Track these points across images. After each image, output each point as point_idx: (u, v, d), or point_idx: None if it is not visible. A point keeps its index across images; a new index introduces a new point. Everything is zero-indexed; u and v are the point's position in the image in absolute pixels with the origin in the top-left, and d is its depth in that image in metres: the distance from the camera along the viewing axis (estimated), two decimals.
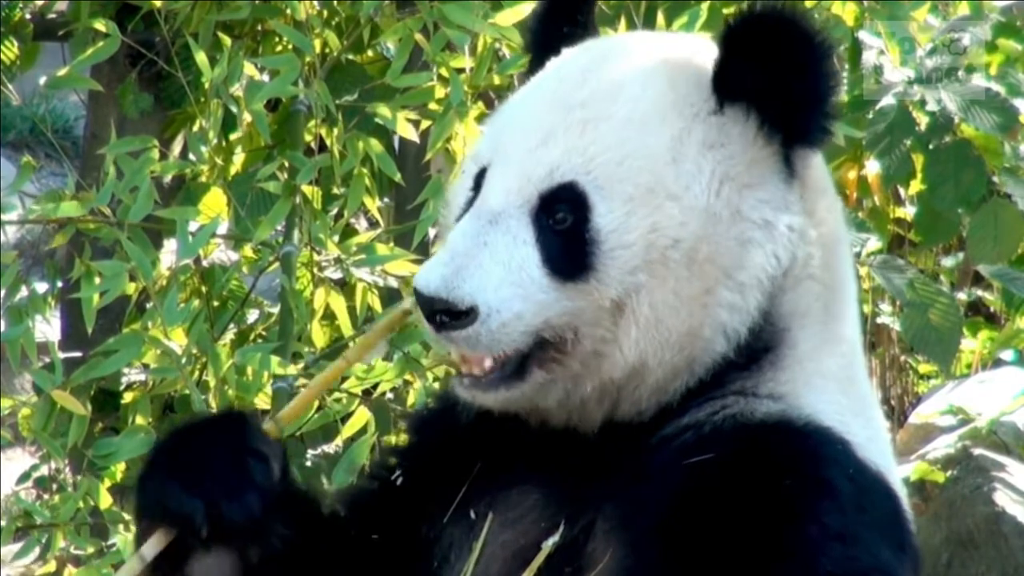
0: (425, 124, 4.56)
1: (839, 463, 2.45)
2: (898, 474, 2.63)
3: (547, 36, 2.75)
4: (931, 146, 5.29)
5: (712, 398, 2.51)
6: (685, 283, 2.47)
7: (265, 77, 4.64)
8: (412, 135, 4.55)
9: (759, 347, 2.52)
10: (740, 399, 2.51)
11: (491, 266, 2.46)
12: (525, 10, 4.38)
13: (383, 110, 4.46)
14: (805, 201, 2.55)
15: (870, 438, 2.55)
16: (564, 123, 2.52)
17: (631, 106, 2.52)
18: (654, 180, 2.48)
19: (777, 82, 2.49)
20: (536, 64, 2.74)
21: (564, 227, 2.48)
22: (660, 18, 4.57)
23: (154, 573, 2.55)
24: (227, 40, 4.57)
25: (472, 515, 2.60)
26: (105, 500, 4.31)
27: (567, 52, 2.69)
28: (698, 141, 2.50)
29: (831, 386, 2.55)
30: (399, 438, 2.89)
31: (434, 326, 2.48)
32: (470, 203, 2.57)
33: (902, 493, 2.59)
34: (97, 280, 4.27)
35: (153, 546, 2.49)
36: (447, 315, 2.45)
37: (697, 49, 2.59)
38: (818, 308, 2.56)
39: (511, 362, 2.50)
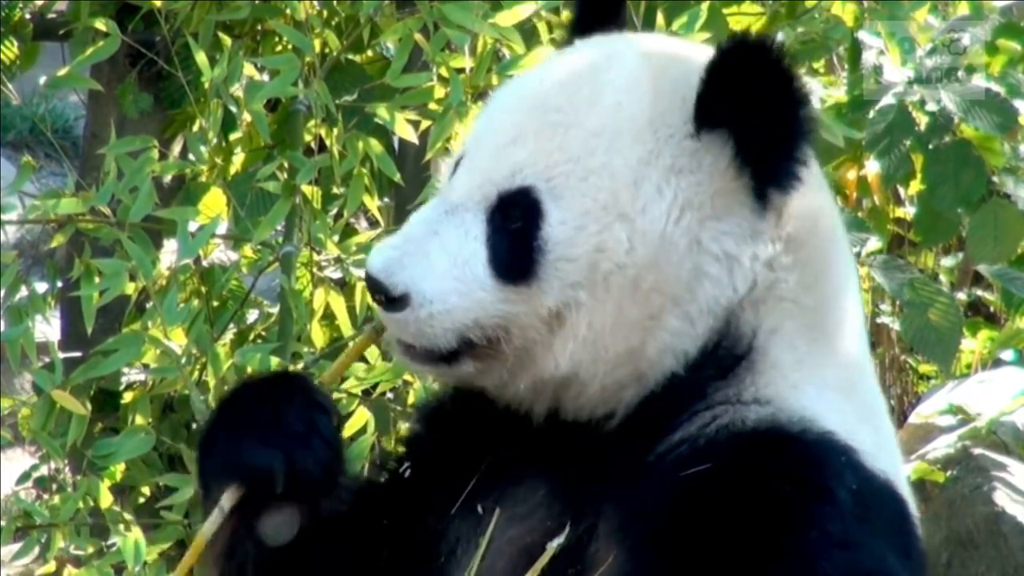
0: (425, 124, 4.56)
1: (838, 469, 2.45)
2: (907, 482, 2.62)
3: (584, 21, 2.75)
4: (931, 146, 5.29)
5: (698, 411, 2.51)
6: (627, 307, 2.47)
7: (265, 77, 4.64)
8: (411, 136, 4.55)
9: (728, 358, 2.52)
10: (728, 408, 2.51)
11: (436, 256, 2.50)
12: (525, 10, 4.38)
13: (382, 110, 4.46)
14: (781, 228, 2.54)
15: (878, 446, 2.54)
16: (536, 125, 2.52)
17: (604, 118, 2.51)
18: (610, 199, 2.48)
19: (752, 118, 2.47)
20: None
21: (515, 229, 2.49)
22: (660, 18, 4.56)
23: (228, 531, 2.56)
24: (227, 40, 4.57)
25: (480, 509, 2.60)
26: (106, 499, 4.31)
27: (575, 46, 2.68)
28: (665, 165, 2.49)
29: (831, 394, 2.54)
30: (405, 430, 2.89)
31: (377, 304, 2.53)
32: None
33: (911, 501, 2.58)
34: (97, 279, 4.26)
35: (230, 499, 2.50)
36: (384, 297, 2.49)
37: (696, 63, 2.57)
38: (794, 326, 2.54)
39: (444, 343, 2.52)
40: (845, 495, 2.43)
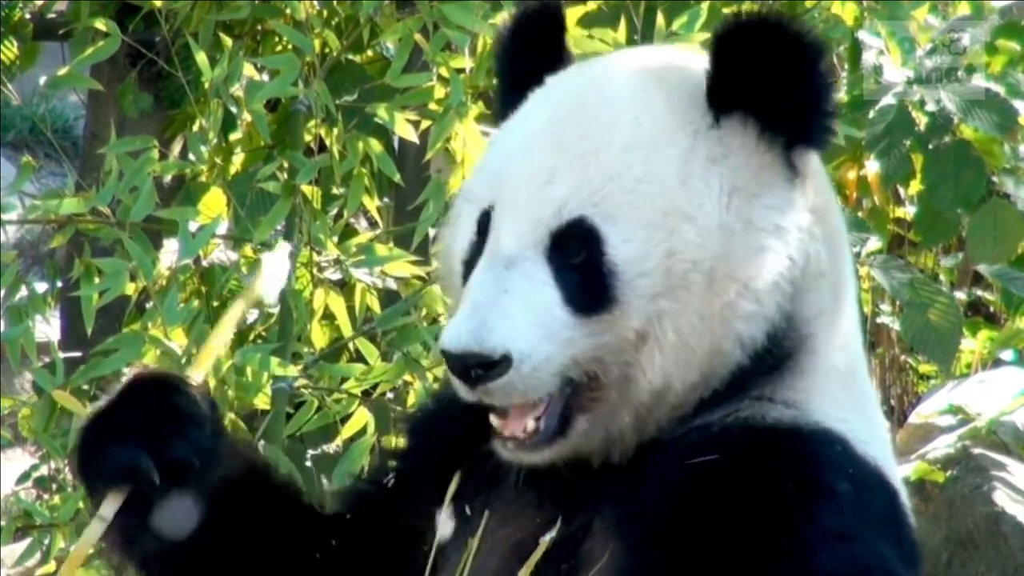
0: (425, 124, 4.56)
1: (838, 464, 2.45)
2: (896, 467, 2.63)
3: (519, 67, 2.72)
4: (930, 146, 5.30)
5: (729, 403, 2.51)
6: (707, 302, 2.46)
7: (265, 77, 4.64)
8: (411, 136, 4.55)
9: (782, 354, 2.52)
10: (755, 403, 2.51)
11: (516, 312, 2.45)
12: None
13: (382, 111, 4.46)
14: (808, 198, 2.55)
15: (869, 432, 2.55)
16: (566, 158, 2.50)
17: (631, 132, 2.51)
18: (666, 203, 2.47)
19: (774, 87, 2.48)
20: (511, 96, 2.70)
21: (579, 263, 2.47)
22: (660, 19, 4.56)
23: (123, 537, 2.56)
24: (227, 40, 4.57)
25: (467, 511, 2.60)
26: None
27: (552, 81, 2.66)
28: (702, 157, 2.50)
29: (835, 384, 2.56)
30: (398, 440, 2.89)
31: (468, 382, 2.46)
32: (475, 247, 2.56)
33: (900, 487, 2.59)
34: (97, 279, 4.26)
35: (111, 506, 2.49)
36: (481, 368, 2.43)
37: (686, 63, 2.58)
38: (831, 304, 2.57)
39: (552, 417, 2.49)
40: (843, 486, 2.43)
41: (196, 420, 2.52)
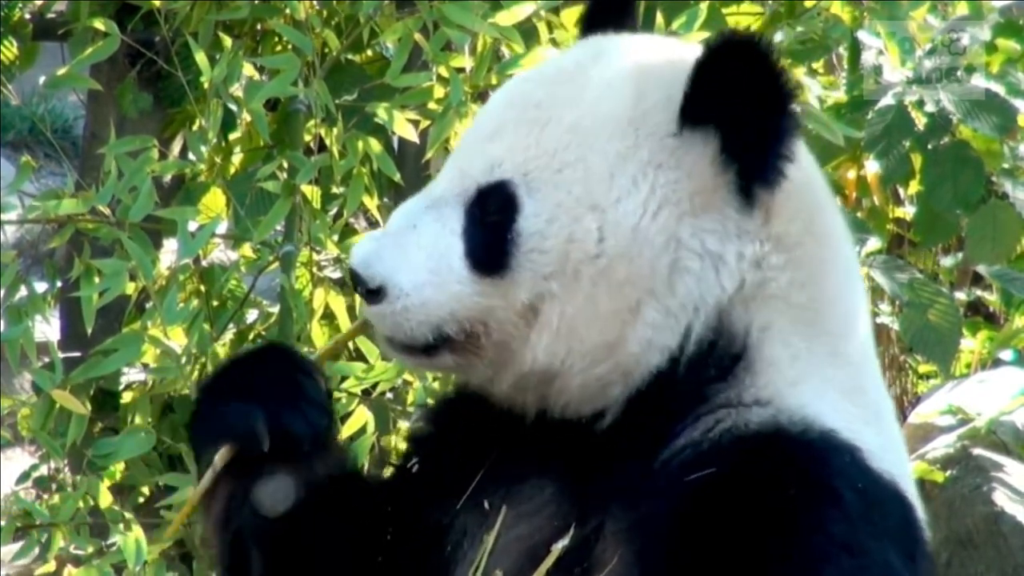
0: (425, 124, 4.55)
1: (844, 471, 2.45)
2: (911, 479, 2.62)
3: (595, 20, 2.78)
4: (929, 147, 5.30)
5: (701, 415, 2.52)
6: (601, 298, 2.49)
7: (265, 77, 4.64)
8: (411, 135, 4.55)
9: (725, 358, 2.53)
10: (730, 411, 2.52)
11: (413, 249, 2.53)
12: (525, 10, 4.38)
13: (381, 110, 4.46)
14: (769, 227, 2.53)
15: (883, 447, 2.54)
16: (516, 120, 2.56)
17: (583, 113, 2.53)
18: (583, 192, 2.50)
19: (738, 114, 2.48)
20: None
21: (491, 222, 2.53)
22: (660, 18, 4.56)
23: (223, 498, 2.62)
24: (227, 40, 4.57)
25: (486, 506, 2.62)
26: (105, 498, 4.30)
27: (566, 50, 2.70)
28: (643, 160, 2.51)
29: (833, 394, 2.54)
30: (412, 428, 2.90)
31: (360, 297, 2.57)
32: None
33: (916, 501, 2.58)
34: (96, 279, 4.26)
35: (223, 457, 2.54)
36: (363, 289, 2.54)
37: (685, 62, 2.57)
38: (785, 322, 2.54)
39: (419, 334, 2.56)
40: (850, 496, 2.43)
41: (317, 401, 2.58)
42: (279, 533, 2.64)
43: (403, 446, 2.85)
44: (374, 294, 2.54)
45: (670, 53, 2.68)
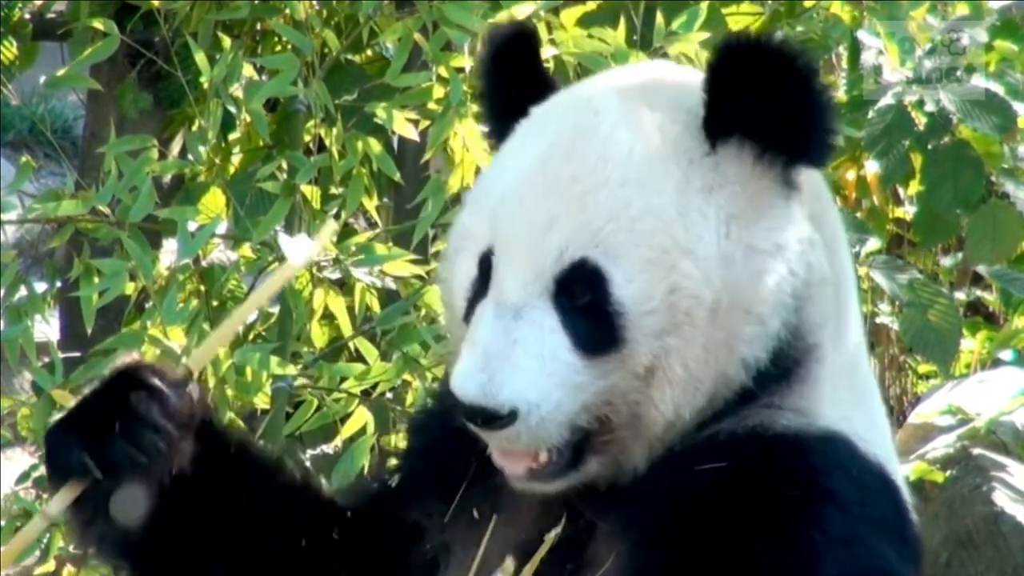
0: (424, 124, 4.56)
1: (843, 468, 2.46)
2: (897, 461, 2.64)
3: (501, 94, 2.72)
4: (929, 147, 5.30)
5: (736, 412, 2.52)
6: (712, 333, 2.46)
7: (264, 77, 4.64)
8: (410, 134, 4.55)
9: (788, 363, 2.52)
10: (763, 411, 2.51)
11: (526, 363, 2.45)
12: (524, 10, 4.38)
13: (380, 110, 4.46)
14: (805, 207, 2.55)
15: (870, 429, 2.56)
16: (563, 201, 2.49)
17: (625, 167, 2.49)
18: (665, 239, 2.46)
19: (770, 110, 2.48)
20: (498, 124, 2.71)
21: (585, 304, 2.47)
22: (660, 18, 4.56)
23: (81, 523, 2.63)
24: (227, 40, 4.57)
25: (475, 514, 2.61)
26: None
27: (539, 114, 2.64)
28: (698, 188, 2.49)
29: (839, 383, 2.56)
30: (399, 439, 2.90)
31: (476, 426, 2.49)
32: (478, 285, 2.56)
33: (902, 482, 2.59)
34: (96, 279, 4.26)
35: (59, 502, 2.58)
36: (488, 420, 2.46)
37: (678, 85, 2.57)
38: (835, 309, 2.57)
39: (566, 451, 2.50)
40: (846, 487, 2.44)
41: (140, 418, 2.54)
42: (143, 538, 2.65)
43: (393, 462, 2.82)
44: (505, 419, 2.45)
45: (650, 76, 2.67)
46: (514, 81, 2.70)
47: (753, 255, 2.48)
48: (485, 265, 2.55)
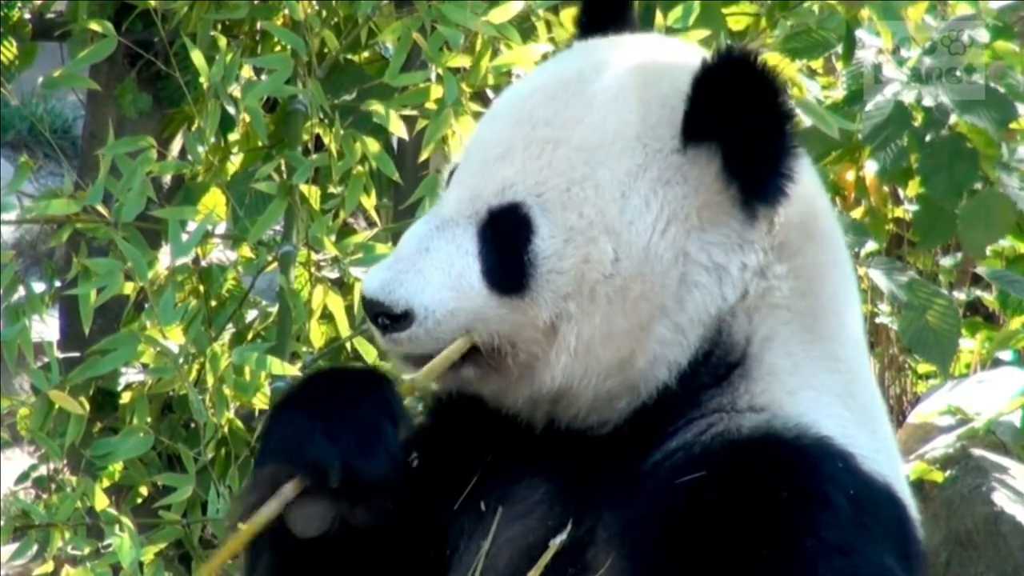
0: (424, 124, 4.55)
1: (835, 474, 2.46)
2: (907, 484, 2.63)
3: (591, 20, 2.77)
4: (927, 139, 5.31)
5: (693, 419, 2.53)
6: (616, 317, 2.50)
7: (264, 77, 4.63)
8: (403, 132, 4.55)
9: (721, 365, 2.54)
10: (723, 416, 2.52)
11: (430, 271, 2.52)
12: (515, 7, 4.38)
13: (377, 107, 4.45)
14: (773, 237, 2.55)
15: (877, 449, 2.55)
16: (525, 140, 2.55)
17: (591, 133, 2.53)
18: (597, 213, 2.50)
19: (738, 133, 2.49)
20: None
21: (506, 244, 2.52)
22: (659, 17, 4.56)
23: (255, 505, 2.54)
24: (222, 39, 4.56)
25: (482, 506, 2.62)
26: (101, 501, 4.30)
27: (565, 54, 2.69)
28: (652, 178, 2.52)
29: (828, 399, 2.55)
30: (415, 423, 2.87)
31: (379, 329, 2.55)
32: None
33: (910, 503, 2.59)
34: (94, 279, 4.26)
35: (294, 489, 2.49)
36: (387, 318, 2.52)
37: (678, 79, 2.56)
38: (789, 332, 2.56)
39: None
40: (842, 500, 2.43)
41: (390, 443, 2.50)
42: (303, 558, 2.60)
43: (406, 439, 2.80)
44: (400, 319, 2.52)
45: (671, 59, 2.66)
46: (603, 21, 2.76)
47: (685, 262, 2.51)
48: (448, 181, 2.64)
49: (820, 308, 2.59)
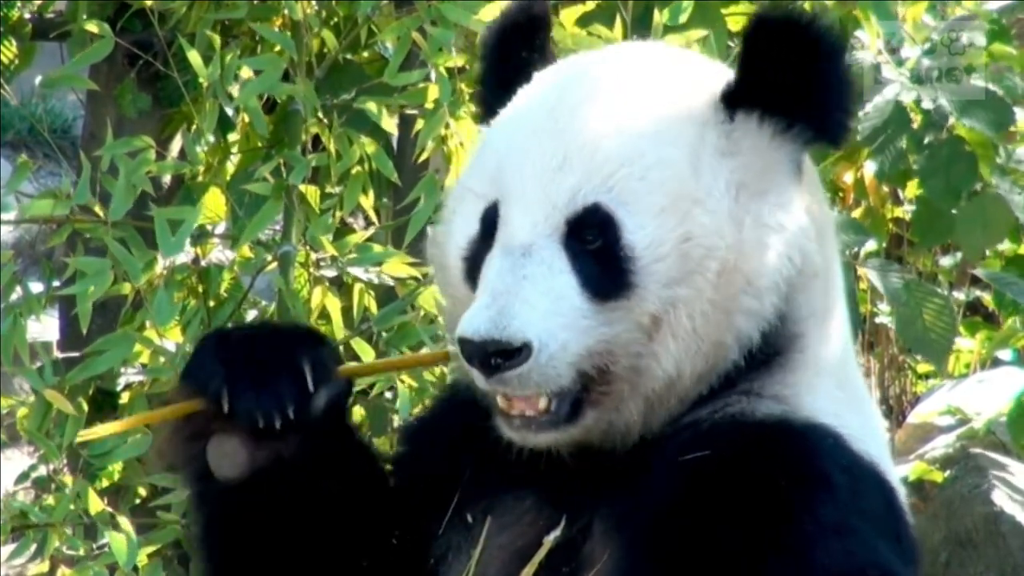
0: (422, 124, 4.55)
1: (833, 457, 2.46)
2: (892, 464, 2.64)
3: (506, 66, 2.73)
4: (926, 141, 5.31)
5: (717, 398, 2.52)
6: (717, 292, 2.46)
7: None
8: (394, 129, 4.54)
9: (770, 351, 2.52)
10: (743, 398, 2.52)
11: (535, 299, 2.44)
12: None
13: (370, 104, 4.45)
14: (804, 198, 2.57)
15: (863, 428, 2.57)
16: (575, 145, 2.50)
17: (640, 119, 2.51)
18: (679, 188, 2.47)
19: (798, 85, 2.50)
20: (497, 95, 2.71)
21: (596, 249, 2.47)
22: (656, 15, 4.55)
23: (178, 442, 2.61)
24: (216, 39, 4.55)
25: (469, 519, 2.61)
26: (95, 504, 4.29)
27: (544, 76, 2.66)
28: (711, 149, 2.51)
29: (828, 381, 2.57)
30: (394, 448, 2.87)
31: (487, 371, 2.45)
32: (479, 242, 2.56)
33: (896, 482, 2.60)
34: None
35: (183, 407, 2.57)
36: (501, 356, 2.43)
37: (682, 57, 2.60)
38: (822, 305, 2.57)
39: (565, 403, 2.49)
40: (839, 479, 2.43)
41: (295, 385, 2.53)
42: (227, 500, 2.62)
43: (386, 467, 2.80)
44: (516, 354, 2.43)
45: (656, 51, 2.70)
46: (521, 53, 2.72)
47: (759, 226, 2.49)
48: (488, 220, 2.55)
49: (831, 276, 2.62)
